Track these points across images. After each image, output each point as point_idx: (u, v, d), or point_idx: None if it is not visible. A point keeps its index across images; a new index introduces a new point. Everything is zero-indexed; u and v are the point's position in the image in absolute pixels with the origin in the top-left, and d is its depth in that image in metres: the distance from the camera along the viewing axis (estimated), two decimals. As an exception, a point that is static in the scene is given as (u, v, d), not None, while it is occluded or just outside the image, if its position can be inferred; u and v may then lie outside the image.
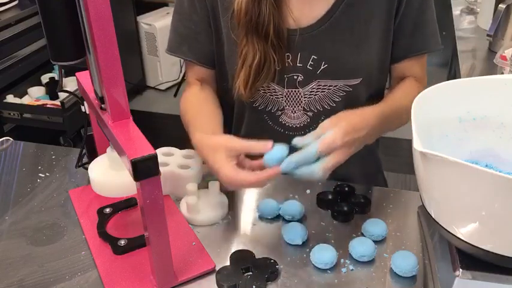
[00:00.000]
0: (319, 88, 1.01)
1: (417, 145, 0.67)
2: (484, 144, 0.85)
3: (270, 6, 0.92)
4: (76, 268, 0.84)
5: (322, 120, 1.00)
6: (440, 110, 0.81)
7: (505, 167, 0.84)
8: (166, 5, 3.67)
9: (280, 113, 1.06)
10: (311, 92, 1.01)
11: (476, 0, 2.15)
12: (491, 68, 1.58)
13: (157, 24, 3.35)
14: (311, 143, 0.81)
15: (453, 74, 2.07)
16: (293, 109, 1.04)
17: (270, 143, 0.81)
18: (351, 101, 1.01)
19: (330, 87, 1.01)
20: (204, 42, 1.05)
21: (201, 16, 1.02)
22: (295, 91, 1.02)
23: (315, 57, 0.98)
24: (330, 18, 0.95)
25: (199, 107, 1.04)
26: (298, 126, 1.06)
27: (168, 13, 3.50)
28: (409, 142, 0.69)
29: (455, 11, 2.14)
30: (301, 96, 1.02)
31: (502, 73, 1.41)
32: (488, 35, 1.68)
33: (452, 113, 0.84)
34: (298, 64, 0.99)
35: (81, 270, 0.84)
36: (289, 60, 0.99)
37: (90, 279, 0.82)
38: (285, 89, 1.02)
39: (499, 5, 1.63)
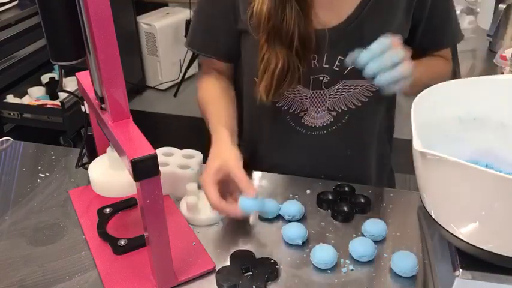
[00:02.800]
0: (345, 88, 0.99)
1: (417, 145, 0.67)
2: (484, 144, 0.85)
3: (295, 12, 0.88)
4: (76, 268, 0.84)
5: (346, 120, 1.02)
6: (440, 110, 0.81)
7: (505, 167, 0.84)
8: (166, 5, 3.67)
9: (303, 114, 1.03)
10: (336, 92, 1.00)
11: (477, 0, 2.16)
12: (491, 68, 1.58)
13: (157, 24, 3.35)
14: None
15: (453, 74, 2.07)
16: (317, 109, 1.02)
17: (253, 190, 0.83)
18: (376, 100, 1.01)
19: (357, 87, 0.99)
20: (223, 37, 1.02)
21: (221, 10, 0.98)
22: (320, 92, 1.00)
23: (342, 58, 0.95)
24: (357, 17, 0.93)
25: (216, 98, 1.04)
26: (320, 125, 1.04)
27: (168, 13, 3.51)
28: (409, 142, 0.69)
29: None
30: (326, 97, 1.00)
31: (502, 73, 1.41)
32: (488, 35, 1.68)
33: (452, 113, 0.84)
34: (324, 65, 0.96)
35: (81, 270, 0.84)
36: (315, 61, 0.96)
37: (90, 279, 0.82)
38: (310, 90, 1.00)
39: (499, 5, 1.63)
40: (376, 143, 1.11)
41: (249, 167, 1.09)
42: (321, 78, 0.98)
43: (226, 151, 0.89)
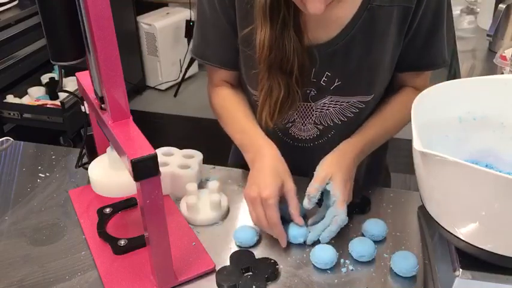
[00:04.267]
0: (332, 103, 1.00)
1: (417, 145, 0.67)
2: (484, 144, 0.85)
3: (294, 42, 0.89)
4: (76, 268, 0.84)
5: (332, 134, 1.03)
6: (440, 110, 0.81)
7: (505, 167, 0.84)
8: (166, 5, 3.67)
9: (290, 125, 1.05)
10: (323, 106, 1.00)
11: (476, 0, 2.16)
12: (491, 68, 1.58)
13: (157, 24, 3.35)
14: (328, 214, 0.88)
15: (453, 74, 2.07)
16: (303, 122, 1.03)
17: (302, 220, 0.89)
18: (361, 117, 1.01)
19: (343, 103, 1.00)
20: (228, 47, 1.01)
21: (224, 21, 0.98)
22: (307, 105, 1.01)
23: (329, 74, 0.96)
24: (346, 36, 0.93)
25: (242, 106, 1.04)
26: (307, 138, 1.06)
27: (168, 13, 3.51)
28: (409, 142, 0.69)
29: (455, 11, 2.14)
30: (313, 110, 1.01)
31: (502, 73, 1.41)
32: (488, 35, 1.68)
33: (452, 113, 0.84)
34: (312, 79, 0.97)
35: (81, 270, 0.84)
36: None
37: (90, 279, 0.82)
38: (297, 102, 1.00)
39: (499, 5, 1.63)
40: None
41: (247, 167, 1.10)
42: (308, 91, 0.99)
43: (285, 170, 0.91)
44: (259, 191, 0.86)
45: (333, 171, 0.90)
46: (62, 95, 2.40)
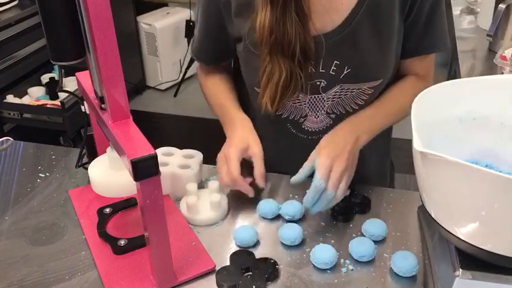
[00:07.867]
0: (342, 92, 0.99)
1: (417, 145, 0.67)
2: (484, 144, 0.85)
3: (295, 25, 0.89)
4: (76, 268, 0.84)
5: None
6: (440, 110, 0.81)
7: (505, 167, 0.84)
8: (166, 5, 3.67)
9: (303, 119, 1.04)
10: (334, 95, 1.00)
11: (476, 0, 2.16)
12: (491, 68, 1.58)
13: (157, 24, 3.35)
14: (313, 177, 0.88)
15: (453, 74, 2.07)
16: (316, 114, 1.03)
17: (264, 184, 0.96)
18: (372, 102, 1.01)
19: (353, 90, 0.99)
20: (219, 44, 1.06)
21: (215, 18, 1.00)
22: (318, 97, 1.00)
23: (338, 63, 0.96)
24: (352, 23, 0.93)
25: (227, 88, 1.11)
26: (320, 129, 1.05)
27: (168, 13, 3.50)
28: (409, 142, 0.69)
29: (455, 11, 2.14)
30: (324, 101, 1.01)
31: (502, 73, 1.41)
32: (488, 35, 1.68)
33: (452, 113, 0.84)
34: (320, 70, 0.97)
35: (81, 270, 0.84)
36: (311, 67, 0.96)
37: (90, 279, 0.82)
38: (308, 96, 1.00)
39: (499, 5, 1.63)
40: (374, 143, 1.11)
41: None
42: (318, 83, 0.98)
43: (253, 138, 0.98)
44: (224, 151, 0.95)
45: (320, 148, 0.92)
46: (62, 95, 2.40)
